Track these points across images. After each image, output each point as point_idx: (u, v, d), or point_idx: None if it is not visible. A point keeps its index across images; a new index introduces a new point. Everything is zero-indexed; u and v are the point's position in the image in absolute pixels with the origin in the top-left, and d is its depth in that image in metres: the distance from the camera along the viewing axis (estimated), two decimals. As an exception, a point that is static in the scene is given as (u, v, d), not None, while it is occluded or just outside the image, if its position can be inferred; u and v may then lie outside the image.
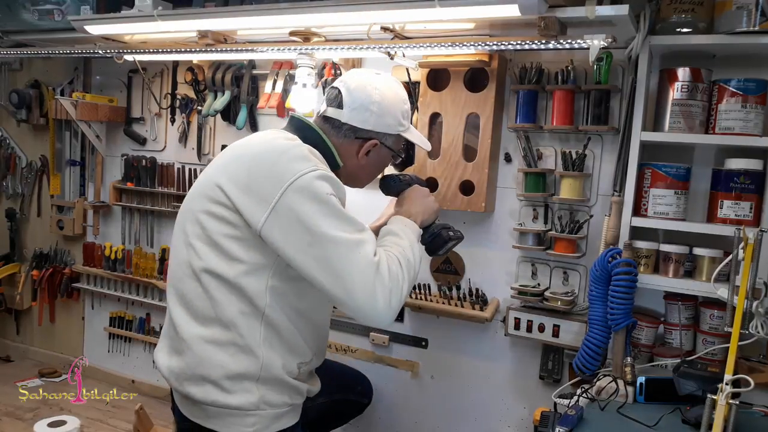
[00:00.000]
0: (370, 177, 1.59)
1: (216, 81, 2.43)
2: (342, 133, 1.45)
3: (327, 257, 1.23)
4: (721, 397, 1.20)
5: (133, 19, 2.08)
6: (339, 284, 1.24)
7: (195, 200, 1.37)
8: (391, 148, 1.52)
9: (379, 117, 1.44)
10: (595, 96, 1.82)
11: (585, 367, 1.69)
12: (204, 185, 1.37)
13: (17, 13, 2.46)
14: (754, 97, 1.61)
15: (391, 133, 1.49)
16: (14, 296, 3.21)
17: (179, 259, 1.38)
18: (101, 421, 2.66)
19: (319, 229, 1.23)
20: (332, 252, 1.23)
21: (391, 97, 1.47)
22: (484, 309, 2.04)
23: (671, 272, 1.72)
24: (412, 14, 1.65)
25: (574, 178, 1.87)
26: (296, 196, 1.24)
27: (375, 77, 1.48)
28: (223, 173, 1.33)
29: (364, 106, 1.43)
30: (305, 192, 1.24)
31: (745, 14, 1.55)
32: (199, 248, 1.32)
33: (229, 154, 1.40)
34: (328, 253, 1.23)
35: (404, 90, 1.53)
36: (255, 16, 1.86)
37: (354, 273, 1.23)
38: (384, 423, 2.34)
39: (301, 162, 1.28)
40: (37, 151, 3.14)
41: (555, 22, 1.56)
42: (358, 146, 1.46)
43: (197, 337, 1.32)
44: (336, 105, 1.45)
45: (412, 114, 2.08)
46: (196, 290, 1.33)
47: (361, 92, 1.43)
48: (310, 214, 1.24)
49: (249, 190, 1.27)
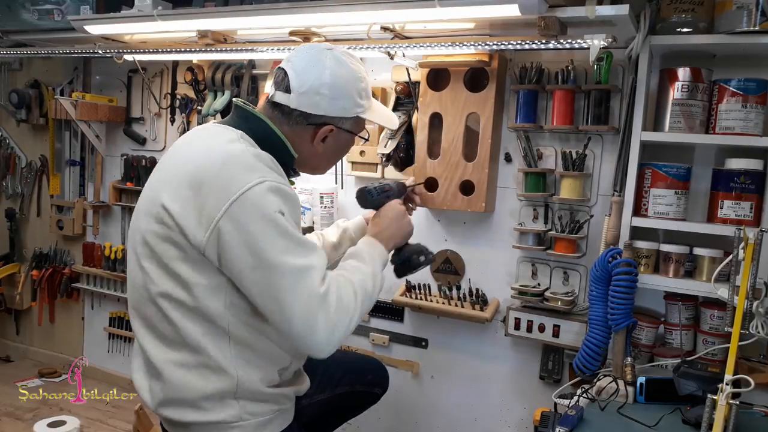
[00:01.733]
0: (330, 163, 1.49)
1: (216, 81, 2.43)
2: (292, 120, 1.30)
3: (269, 284, 1.14)
4: (721, 397, 1.20)
5: (132, 19, 2.08)
6: (278, 312, 1.15)
7: (141, 218, 1.26)
8: (350, 131, 1.38)
9: (332, 100, 1.29)
10: (596, 96, 1.82)
11: (585, 367, 1.69)
12: (148, 202, 1.25)
13: (17, 13, 2.46)
14: (755, 97, 1.61)
15: (348, 117, 1.34)
16: (14, 296, 3.21)
17: (135, 282, 1.28)
18: (101, 421, 2.66)
19: (263, 254, 1.13)
20: (275, 279, 1.13)
21: (345, 76, 1.30)
22: (484, 309, 2.04)
23: (671, 272, 1.72)
24: (412, 14, 1.65)
25: (575, 178, 1.87)
26: (240, 214, 1.13)
27: (325, 54, 1.30)
28: (165, 188, 1.21)
29: (313, 89, 1.27)
30: (250, 209, 1.13)
31: (745, 14, 1.55)
32: (152, 272, 1.23)
33: (170, 164, 1.28)
34: (270, 279, 1.14)
35: (360, 65, 1.36)
36: (255, 16, 1.85)
37: (295, 304, 1.13)
38: (384, 423, 2.34)
39: (247, 173, 1.15)
40: (37, 151, 3.14)
41: (555, 21, 1.56)
42: (312, 133, 1.32)
43: (167, 362, 1.24)
44: (283, 89, 1.29)
45: (412, 114, 2.09)
46: (157, 314, 1.24)
47: (309, 74, 1.27)
48: (255, 235, 1.13)
49: (190, 208, 1.16)
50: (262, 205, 1.14)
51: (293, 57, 1.32)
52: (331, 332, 1.16)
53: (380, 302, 2.30)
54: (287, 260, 1.14)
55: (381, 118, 1.47)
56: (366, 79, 1.37)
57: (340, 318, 1.18)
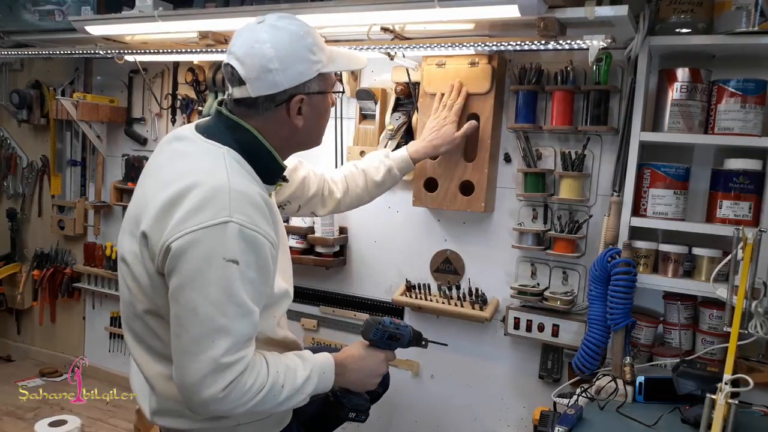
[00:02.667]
0: (320, 129, 1.37)
1: (216, 81, 2.43)
2: (260, 108, 1.23)
3: (182, 322, 1.10)
4: (720, 396, 1.20)
5: (133, 20, 2.08)
6: (177, 351, 1.13)
7: (125, 238, 1.24)
8: (321, 91, 1.28)
9: (286, 71, 1.20)
10: (595, 96, 1.82)
11: (584, 366, 1.70)
12: (130, 221, 1.23)
13: (18, 14, 2.46)
14: (754, 98, 1.61)
15: (311, 78, 1.24)
16: (15, 296, 3.22)
17: (124, 298, 1.28)
18: (101, 421, 2.66)
19: (194, 292, 1.09)
20: (190, 322, 1.10)
21: (287, 41, 1.21)
22: (483, 309, 2.04)
23: (670, 272, 1.73)
24: (412, 15, 1.66)
25: (574, 178, 1.87)
26: (197, 243, 1.08)
27: (259, 28, 1.22)
28: (145, 211, 1.17)
29: (263, 70, 1.19)
30: (208, 244, 1.08)
31: (744, 14, 1.55)
32: (135, 290, 1.22)
33: (151, 184, 1.22)
34: (186, 319, 1.10)
35: (299, 22, 1.26)
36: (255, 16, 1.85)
37: (192, 359, 1.10)
38: (384, 423, 2.34)
39: (221, 208, 1.10)
40: (38, 151, 3.15)
41: (554, 22, 1.56)
42: (285, 111, 1.24)
43: (157, 374, 1.25)
44: (237, 83, 1.22)
45: (412, 114, 2.10)
46: (144, 329, 1.25)
47: (251, 56, 1.19)
48: (200, 271, 1.08)
49: (157, 228, 1.13)
50: (222, 246, 1.09)
51: (232, 47, 1.24)
52: (208, 403, 1.11)
53: (380, 302, 2.30)
54: (211, 312, 1.09)
55: (345, 64, 1.36)
56: (312, 32, 1.26)
57: (230, 398, 1.12)
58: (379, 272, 2.30)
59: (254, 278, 1.14)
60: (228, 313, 1.10)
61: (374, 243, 2.29)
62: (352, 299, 2.36)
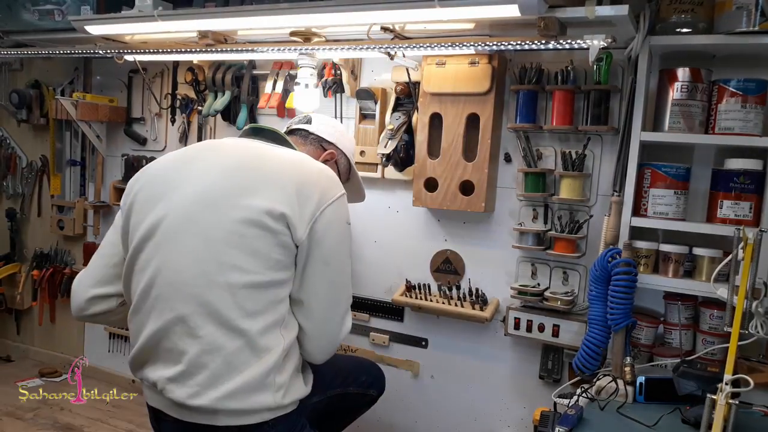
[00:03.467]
0: None
1: (216, 81, 2.43)
2: (308, 140, 1.63)
3: (333, 279, 1.36)
4: (720, 397, 1.20)
5: (133, 20, 2.08)
6: (325, 308, 1.37)
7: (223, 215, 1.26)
8: (340, 170, 1.69)
9: (341, 136, 1.70)
10: (595, 96, 1.82)
11: (585, 366, 1.69)
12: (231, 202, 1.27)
13: (18, 14, 2.46)
14: (754, 97, 1.61)
15: (346, 155, 1.71)
16: (14, 296, 3.21)
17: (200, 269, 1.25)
18: (101, 421, 2.66)
19: (339, 255, 1.36)
20: (343, 278, 1.38)
21: (349, 138, 1.79)
22: (484, 309, 2.04)
23: (671, 272, 1.72)
24: (412, 14, 1.65)
25: (574, 178, 1.87)
26: (331, 216, 1.33)
27: None
28: (261, 193, 1.27)
29: (329, 125, 1.69)
30: (338, 213, 1.35)
31: (745, 14, 1.55)
32: (245, 263, 1.24)
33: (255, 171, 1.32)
34: (341, 278, 1.39)
35: None
36: (255, 16, 1.86)
37: (342, 307, 1.41)
38: (384, 423, 2.34)
39: (336, 186, 1.38)
40: (38, 151, 3.14)
41: (555, 22, 1.56)
42: (319, 153, 1.63)
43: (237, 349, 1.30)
44: (305, 122, 1.66)
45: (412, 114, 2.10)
46: (231, 304, 1.24)
47: (327, 121, 1.71)
48: (339, 235, 1.35)
49: (297, 209, 1.28)
50: (344, 212, 1.38)
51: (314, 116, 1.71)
52: (345, 333, 1.41)
53: (380, 302, 2.30)
54: (348, 264, 1.39)
55: (356, 186, 1.83)
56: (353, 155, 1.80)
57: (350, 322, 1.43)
58: (379, 272, 2.30)
59: None
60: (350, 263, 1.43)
61: (374, 243, 2.29)
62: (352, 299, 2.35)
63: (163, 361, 1.29)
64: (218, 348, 1.23)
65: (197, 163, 1.35)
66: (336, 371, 1.69)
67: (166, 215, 1.29)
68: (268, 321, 1.26)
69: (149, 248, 1.29)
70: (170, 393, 1.26)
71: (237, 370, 1.23)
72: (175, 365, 1.26)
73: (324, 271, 1.32)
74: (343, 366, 1.77)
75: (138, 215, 1.33)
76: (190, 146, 1.46)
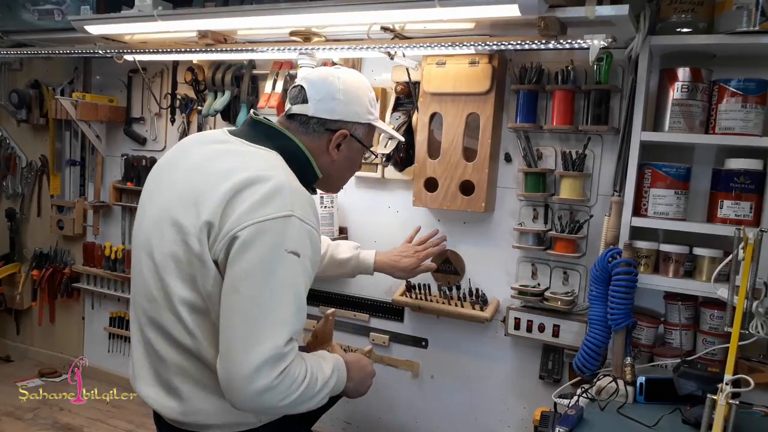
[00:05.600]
0: (343, 177, 1.51)
1: (216, 81, 2.43)
2: (310, 128, 1.36)
3: (240, 312, 1.12)
4: (721, 397, 1.20)
5: (133, 19, 2.08)
6: (231, 344, 1.12)
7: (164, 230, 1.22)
8: (361, 141, 1.43)
9: (347, 105, 1.37)
10: (595, 96, 1.82)
11: (585, 367, 1.69)
12: (170, 214, 1.22)
13: (17, 13, 2.46)
14: (754, 97, 1.61)
15: (361, 122, 1.40)
16: (14, 296, 3.22)
17: (149, 293, 1.25)
18: (101, 421, 2.66)
19: (260, 282, 1.12)
20: (257, 311, 1.12)
21: (356, 85, 1.40)
22: (484, 309, 2.04)
23: (671, 272, 1.72)
24: (412, 14, 1.65)
25: (574, 178, 1.87)
26: (263, 234, 1.12)
27: (335, 69, 1.43)
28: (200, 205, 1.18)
29: (329, 95, 1.35)
30: (275, 234, 1.12)
31: (745, 14, 1.55)
32: (175, 282, 1.21)
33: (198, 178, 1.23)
34: (245, 308, 1.12)
35: (367, 80, 1.47)
36: (255, 16, 1.86)
37: (252, 347, 1.09)
38: (384, 423, 2.34)
39: (287, 203, 1.16)
40: (37, 151, 3.14)
41: (555, 22, 1.56)
42: (327, 139, 1.37)
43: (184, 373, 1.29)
44: (300, 101, 1.36)
45: (412, 114, 2.10)
46: (175, 324, 1.24)
47: (324, 83, 1.36)
48: (265, 261, 1.12)
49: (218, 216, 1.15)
50: (285, 237, 1.13)
51: (307, 74, 1.41)
52: (261, 392, 1.10)
53: (380, 302, 2.30)
54: (273, 301, 1.12)
55: (388, 129, 1.56)
56: (373, 91, 1.46)
57: (279, 387, 1.12)
58: (379, 272, 2.30)
59: (309, 272, 1.20)
60: (287, 303, 1.14)
61: (374, 243, 2.29)
62: (352, 299, 2.36)
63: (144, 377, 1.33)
64: (185, 371, 1.24)
65: (165, 175, 1.33)
66: None
67: (136, 232, 1.34)
68: None
69: None
70: (164, 413, 1.30)
71: (215, 393, 1.22)
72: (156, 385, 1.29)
73: (231, 295, 1.14)
74: None
75: (134, 223, 1.39)
76: (175, 147, 1.40)
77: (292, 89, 1.41)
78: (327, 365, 1.28)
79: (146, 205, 1.34)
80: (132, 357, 1.37)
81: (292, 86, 1.41)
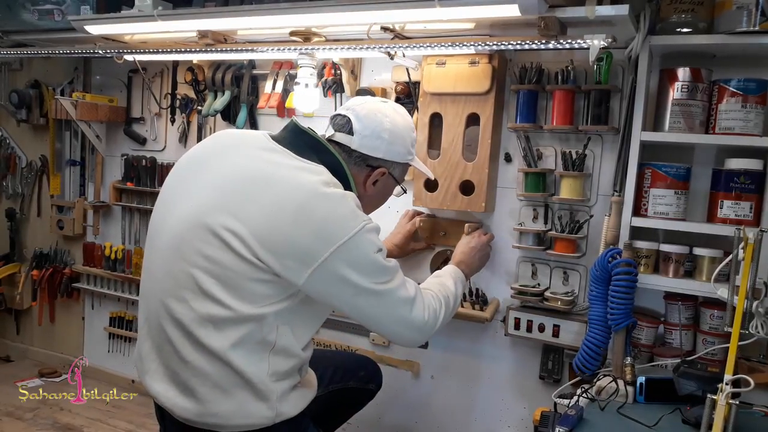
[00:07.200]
0: (372, 208, 1.52)
1: (216, 81, 2.43)
2: (352, 160, 1.40)
3: (366, 306, 1.29)
4: (721, 397, 1.20)
5: (133, 19, 2.08)
6: (377, 328, 1.37)
7: (199, 234, 1.23)
8: (396, 178, 1.50)
9: (390, 145, 1.42)
10: (595, 96, 1.82)
11: (585, 367, 1.69)
12: (208, 219, 1.23)
13: (17, 13, 2.46)
14: (754, 97, 1.61)
15: (400, 162, 1.47)
16: (14, 296, 3.21)
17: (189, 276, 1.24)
18: (101, 421, 2.66)
19: (362, 285, 1.25)
20: (373, 302, 1.28)
21: (402, 125, 1.44)
22: (484, 309, 2.04)
23: (671, 272, 1.72)
24: (412, 14, 1.65)
25: (574, 178, 1.87)
26: (344, 257, 1.22)
27: (383, 105, 1.45)
28: (238, 218, 1.21)
29: (375, 134, 1.39)
30: (355, 252, 1.23)
31: (745, 14, 1.55)
32: (214, 290, 1.22)
33: (250, 189, 1.25)
34: (369, 302, 1.28)
35: (411, 119, 1.52)
36: (255, 16, 1.85)
37: (391, 320, 1.33)
38: (384, 423, 2.34)
39: (351, 219, 1.24)
40: (37, 151, 3.14)
41: (555, 22, 1.56)
42: (366, 175, 1.42)
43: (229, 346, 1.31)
44: (346, 131, 1.39)
45: (412, 114, 2.10)
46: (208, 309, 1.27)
47: (371, 119, 1.40)
48: (356, 274, 1.24)
49: (289, 250, 1.20)
50: (364, 249, 1.25)
51: (354, 105, 1.43)
52: (420, 330, 1.36)
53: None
54: (381, 288, 1.28)
55: (423, 168, 1.63)
56: (415, 131, 1.53)
57: (430, 318, 1.37)
58: (379, 272, 2.29)
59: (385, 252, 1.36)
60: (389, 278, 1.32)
61: (374, 243, 2.28)
62: (352, 299, 2.35)
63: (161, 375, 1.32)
64: (206, 374, 1.25)
65: (198, 174, 1.33)
66: (335, 367, 1.71)
67: (158, 227, 1.36)
68: None
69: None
70: (176, 411, 1.29)
71: (233, 395, 1.26)
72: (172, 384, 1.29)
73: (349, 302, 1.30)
74: (342, 362, 1.80)
75: (154, 214, 1.40)
76: (207, 144, 1.42)
77: (337, 116, 1.44)
78: (448, 281, 1.58)
79: (174, 201, 1.33)
80: (139, 350, 1.37)
81: (337, 114, 1.45)
